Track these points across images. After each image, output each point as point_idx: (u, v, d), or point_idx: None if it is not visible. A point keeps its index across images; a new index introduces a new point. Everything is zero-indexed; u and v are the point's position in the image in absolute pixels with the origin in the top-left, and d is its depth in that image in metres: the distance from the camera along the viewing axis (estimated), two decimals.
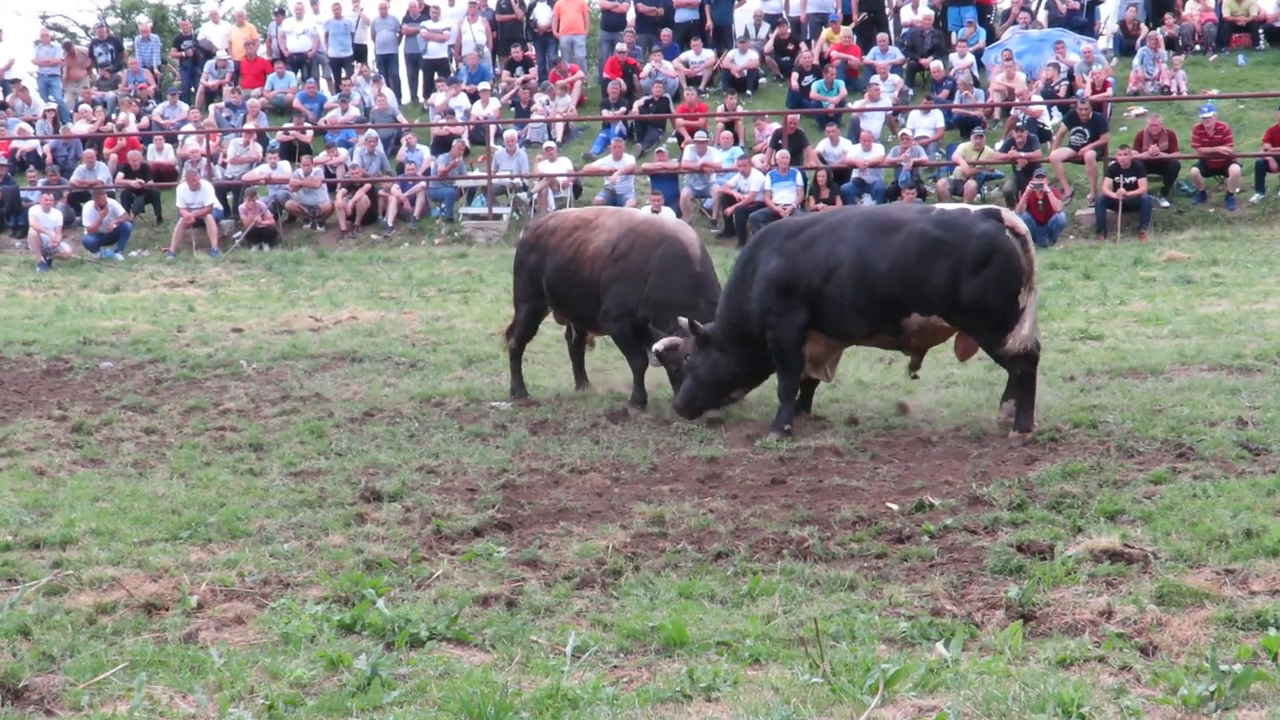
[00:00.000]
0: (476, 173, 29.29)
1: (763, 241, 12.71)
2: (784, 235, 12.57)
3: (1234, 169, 25.82)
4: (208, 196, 28.31)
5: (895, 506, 9.71)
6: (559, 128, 31.51)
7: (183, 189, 28.53)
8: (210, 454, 12.03)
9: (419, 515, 9.88)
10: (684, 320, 12.83)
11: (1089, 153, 26.30)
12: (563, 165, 28.76)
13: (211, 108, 33.09)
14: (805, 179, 26.88)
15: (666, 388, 14.22)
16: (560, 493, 10.48)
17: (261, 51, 34.75)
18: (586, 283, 13.76)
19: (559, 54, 33.88)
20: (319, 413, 13.71)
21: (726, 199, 26.73)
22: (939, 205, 12.61)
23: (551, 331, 14.96)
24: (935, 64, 30.97)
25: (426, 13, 34.24)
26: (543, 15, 34.35)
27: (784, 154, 26.59)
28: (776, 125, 28.31)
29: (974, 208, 12.03)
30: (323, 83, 34.70)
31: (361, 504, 10.19)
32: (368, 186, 29.11)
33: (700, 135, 28.50)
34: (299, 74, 34.56)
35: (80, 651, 7.18)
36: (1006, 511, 9.34)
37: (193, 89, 35.05)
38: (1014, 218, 11.84)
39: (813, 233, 12.35)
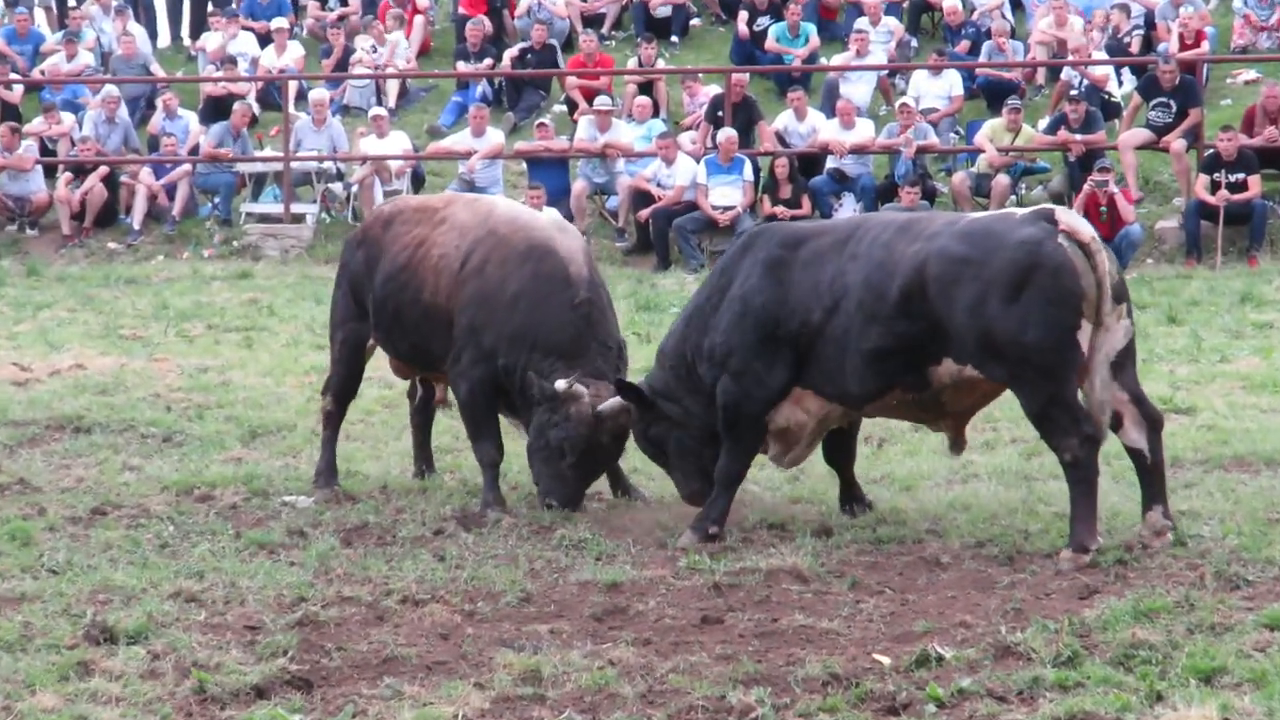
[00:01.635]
0: (268, 152, 29.26)
1: (749, 246, 12.82)
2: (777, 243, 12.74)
3: None
4: None
5: (886, 660, 9.73)
6: (392, 88, 31.53)
7: None
8: None
9: (173, 665, 9.79)
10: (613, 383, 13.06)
11: (1176, 142, 26.52)
12: (396, 143, 28.79)
13: None
14: (758, 169, 27.02)
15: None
16: (386, 634, 10.44)
17: None
18: (427, 307, 13.82)
19: None
20: (24, 508, 13.61)
21: (642, 197, 26.79)
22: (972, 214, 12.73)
23: (374, 392, 14.91)
24: (950, 2, 31.24)
25: None
26: None
27: (727, 133, 26.70)
28: (716, 89, 28.45)
29: (1018, 211, 12.11)
30: (39, 14, 34.58)
31: (87, 647, 10.09)
32: (104, 170, 28.98)
33: (602, 102, 28.56)
34: (3, 1, 34.45)
35: None
36: (1051, 669, 9.37)
37: None
38: (1074, 219, 11.87)
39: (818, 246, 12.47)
